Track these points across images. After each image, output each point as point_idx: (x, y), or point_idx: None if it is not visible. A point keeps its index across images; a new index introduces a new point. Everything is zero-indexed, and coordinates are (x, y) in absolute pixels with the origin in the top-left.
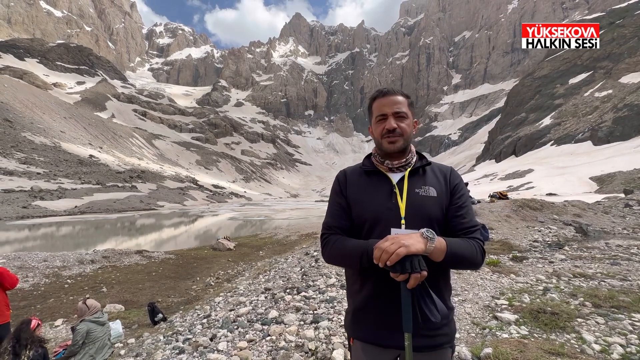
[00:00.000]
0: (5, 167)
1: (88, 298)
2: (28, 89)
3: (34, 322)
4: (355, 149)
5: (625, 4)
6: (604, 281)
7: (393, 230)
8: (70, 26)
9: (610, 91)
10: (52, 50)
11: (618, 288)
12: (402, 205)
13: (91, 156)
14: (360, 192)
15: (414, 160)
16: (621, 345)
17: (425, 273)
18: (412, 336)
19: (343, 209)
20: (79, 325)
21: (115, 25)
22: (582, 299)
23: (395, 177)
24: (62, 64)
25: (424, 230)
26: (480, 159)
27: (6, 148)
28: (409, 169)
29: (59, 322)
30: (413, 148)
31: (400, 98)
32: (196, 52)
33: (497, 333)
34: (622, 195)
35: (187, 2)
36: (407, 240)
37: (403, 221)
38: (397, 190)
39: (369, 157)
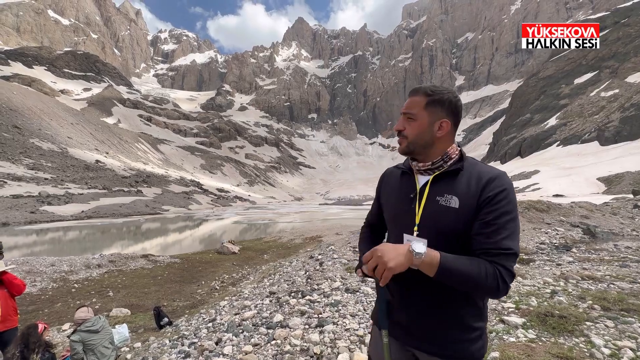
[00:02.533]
0: (14, 172)
1: (79, 307)
2: (36, 95)
3: (40, 326)
4: (359, 151)
5: (630, 3)
6: (613, 284)
7: (405, 237)
8: (77, 34)
9: (616, 91)
10: (59, 57)
11: (627, 291)
12: (419, 212)
13: (97, 161)
14: (389, 193)
15: (450, 162)
16: (631, 349)
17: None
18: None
19: (376, 207)
20: (72, 336)
21: (121, 32)
22: (590, 302)
23: (422, 181)
24: (70, 71)
25: (414, 241)
26: (485, 160)
27: (15, 154)
28: (435, 173)
29: (66, 326)
30: (452, 149)
31: (416, 98)
32: (200, 58)
33: (504, 337)
34: (631, 196)
35: (190, 9)
36: (389, 257)
37: (416, 228)
38: (417, 195)
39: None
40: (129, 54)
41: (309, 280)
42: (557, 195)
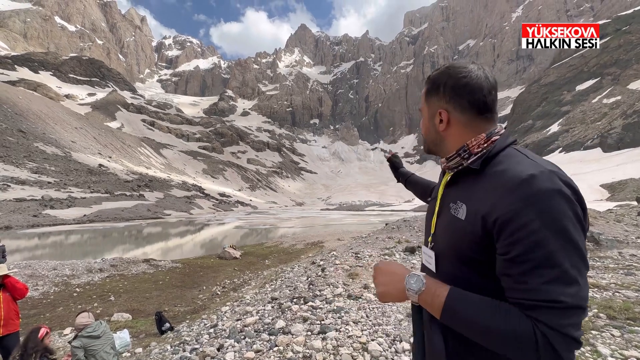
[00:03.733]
0: (17, 176)
1: (80, 312)
2: (41, 100)
3: (42, 331)
4: (361, 157)
5: (631, 10)
6: (619, 292)
7: (423, 248)
8: (83, 40)
9: (618, 97)
10: (65, 63)
11: (633, 299)
12: (434, 220)
13: (100, 165)
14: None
15: (470, 160)
16: (638, 359)
17: None
18: None
19: None
20: (73, 342)
21: (126, 38)
22: (596, 310)
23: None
24: (75, 76)
25: (414, 272)
26: None
27: (19, 158)
28: (452, 173)
29: (67, 330)
30: (475, 141)
31: (423, 90)
32: (204, 64)
33: None
34: (635, 203)
35: (194, 17)
36: (380, 282)
37: (430, 239)
38: (437, 198)
39: None
40: (133, 59)
41: (311, 286)
42: None
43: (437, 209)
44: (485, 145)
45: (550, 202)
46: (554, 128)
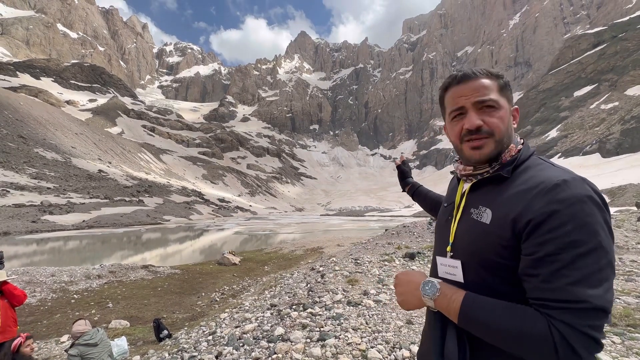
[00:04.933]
0: (17, 182)
1: (76, 320)
2: (42, 106)
3: (17, 340)
4: (360, 162)
5: (627, 17)
6: (619, 298)
7: (438, 260)
8: (84, 47)
9: (616, 103)
10: (66, 69)
11: (634, 306)
12: (453, 227)
13: (100, 171)
14: (443, 201)
15: (497, 167)
16: None
17: None
18: None
19: None
20: (70, 350)
21: (127, 45)
22: None
23: (465, 188)
24: (76, 82)
25: (429, 278)
26: None
27: (19, 163)
28: (474, 180)
29: (64, 338)
30: (513, 150)
31: (485, 82)
32: (204, 70)
33: None
34: (635, 208)
35: (194, 24)
36: (400, 291)
37: (449, 248)
38: (456, 206)
39: (455, 160)
40: (134, 66)
41: (310, 292)
42: None
43: (458, 216)
44: (514, 154)
45: (583, 206)
46: (553, 133)
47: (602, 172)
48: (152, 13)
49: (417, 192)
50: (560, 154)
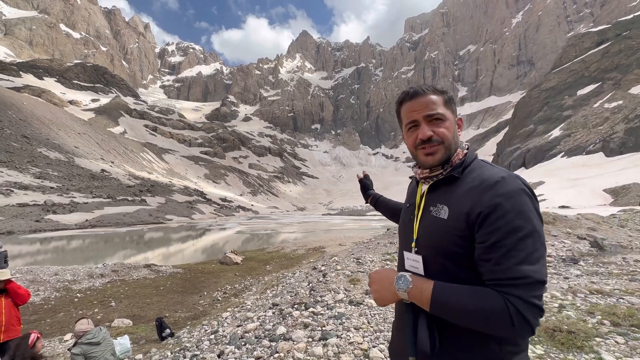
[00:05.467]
0: (20, 181)
1: (79, 319)
2: (45, 106)
3: (32, 337)
4: (362, 162)
5: (631, 15)
6: (623, 298)
7: (405, 254)
8: (87, 47)
9: (620, 102)
10: (69, 69)
11: (638, 305)
12: (416, 226)
13: (103, 170)
14: (404, 202)
15: (449, 170)
16: None
17: None
18: None
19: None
20: (73, 349)
21: (129, 45)
22: (600, 317)
23: (423, 189)
24: (79, 82)
25: (401, 273)
26: None
27: (22, 163)
28: (432, 182)
29: (67, 336)
30: (460, 154)
31: (432, 97)
32: (206, 70)
33: None
34: (638, 207)
35: (195, 24)
36: (375, 288)
37: (414, 244)
38: (416, 206)
39: (414, 166)
40: (137, 66)
41: (312, 292)
42: (562, 207)
43: (419, 215)
44: (462, 157)
45: (519, 198)
46: (556, 133)
47: (605, 172)
48: (154, 13)
49: (378, 202)
50: (563, 153)
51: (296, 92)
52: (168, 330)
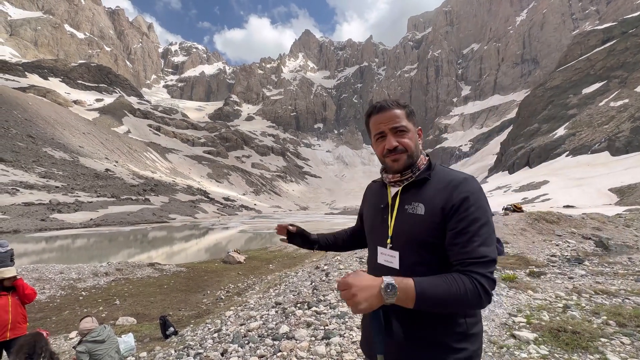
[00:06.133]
0: (26, 181)
1: (84, 317)
2: (50, 106)
3: (45, 334)
4: (365, 161)
5: (637, 13)
6: (628, 298)
7: (379, 249)
8: (91, 47)
9: (626, 100)
10: (74, 69)
11: None
12: (391, 223)
13: (107, 170)
14: (368, 206)
15: (417, 173)
16: None
17: None
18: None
19: (359, 221)
20: (78, 347)
21: (133, 45)
22: (605, 317)
23: (393, 191)
24: (83, 82)
25: (387, 281)
26: (493, 170)
27: (28, 163)
28: (404, 184)
29: (73, 334)
30: (423, 160)
31: (397, 111)
32: (209, 69)
33: (515, 352)
34: None
35: (198, 24)
36: (362, 298)
37: (389, 240)
38: (389, 206)
39: (382, 171)
40: (140, 65)
41: (315, 291)
42: (567, 206)
43: (395, 213)
44: (426, 161)
45: (479, 194)
46: (561, 131)
47: (611, 171)
48: (157, 13)
49: (326, 244)
50: (568, 152)
51: (299, 92)
52: (172, 329)
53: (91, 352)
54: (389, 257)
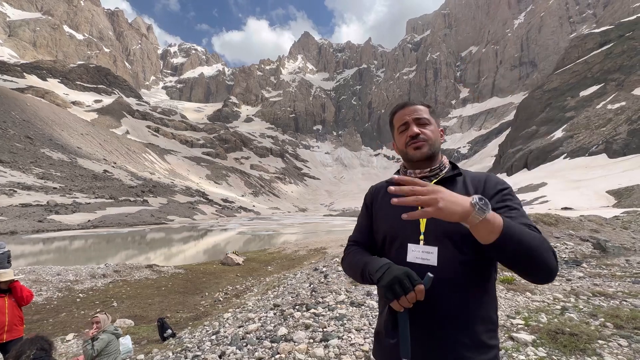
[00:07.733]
0: (24, 182)
1: (99, 312)
2: (48, 107)
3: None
4: (364, 162)
5: (634, 16)
6: (626, 300)
7: (410, 246)
8: (90, 48)
9: (623, 103)
10: (72, 70)
11: None
12: (423, 221)
13: (105, 171)
14: (383, 206)
15: (445, 170)
16: None
17: (421, 287)
18: None
19: (366, 224)
20: (101, 335)
21: (132, 46)
22: (602, 319)
23: None
24: (82, 84)
25: (476, 196)
26: (491, 172)
27: (26, 164)
28: (435, 180)
29: (70, 336)
30: (445, 159)
31: (420, 107)
32: (208, 71)
33: (513, 354)
34: None
35: (196, 26)
36: (444, 196)
37: (422, 237)
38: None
39: (397, 172)
40: (139, 67)
41: (313, 293)
42: (565, 209)
43: None
44: (448, 164)
45: (505, 184)
46: (558, 134)
47: (608, 173)
48: (156, 14)
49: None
50: (566, 154)
51: (298, 93)
52: (170, 331)
53: (109, 343)
54: (423, 253)
